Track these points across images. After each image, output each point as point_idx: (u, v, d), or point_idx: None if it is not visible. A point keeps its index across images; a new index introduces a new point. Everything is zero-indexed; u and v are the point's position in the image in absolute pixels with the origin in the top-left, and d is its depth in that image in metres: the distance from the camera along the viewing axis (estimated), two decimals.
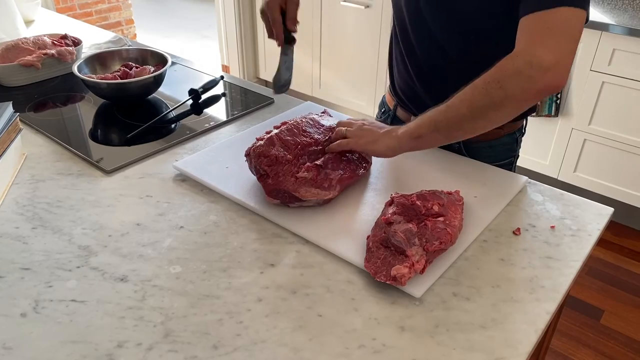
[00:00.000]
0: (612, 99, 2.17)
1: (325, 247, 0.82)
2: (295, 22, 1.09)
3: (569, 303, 1.96)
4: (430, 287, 0.75)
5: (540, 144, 2.42)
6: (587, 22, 0.82)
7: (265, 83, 3.60)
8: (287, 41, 1.11)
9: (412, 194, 0.81)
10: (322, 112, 1.15)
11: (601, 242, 2.29)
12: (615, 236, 2.33)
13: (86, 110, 1.26)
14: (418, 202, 0.78)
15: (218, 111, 1.27)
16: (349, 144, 0.93)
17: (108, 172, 1.01)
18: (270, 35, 1.11)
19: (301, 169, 0.89)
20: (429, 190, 0.84)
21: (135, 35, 4.15)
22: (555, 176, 2.44)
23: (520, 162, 2.50)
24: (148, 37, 4.83)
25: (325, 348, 0.66)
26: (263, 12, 1.08)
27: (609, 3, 2.26)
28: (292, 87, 1.14)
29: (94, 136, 1.15)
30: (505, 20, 0.91)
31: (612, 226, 2.39)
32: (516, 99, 0.80)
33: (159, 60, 1.34)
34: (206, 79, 1.38)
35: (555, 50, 0.78)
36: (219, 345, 0.66)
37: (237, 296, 0.74)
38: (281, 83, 1.00)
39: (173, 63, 1.51)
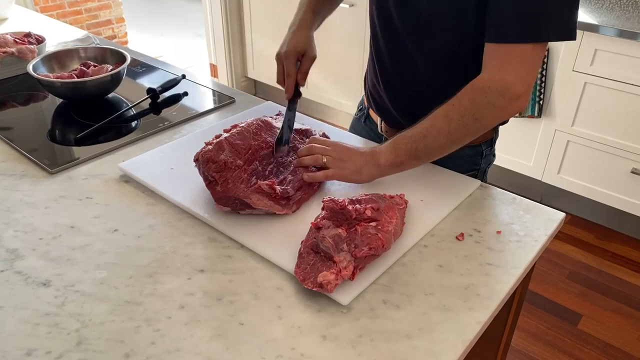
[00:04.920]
0: (594, 100, 2.13)
1: (259, 252, 0.80)
2: (306, 76, 1.10)
3: (546, 307, 1.93)
4: (361, 293, 0.73)
5: (524, 145, 2.39)
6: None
7: (254, 82, 3.58)
8: (294, 95, 1.09)
9: (344, 199, 0.78)
10: (276, 115, 1.12)
11: (584, 246, 2.26)
12: (599, 239, 2.30)
13: (44, 110, 1.25)
14: (349, 207, 0.75)
15: (178, 111, 1.24)
16: (334, 176, 0.91)
17: (52, 173, 0.99)
18: (280, 82, 1.11)
19: (253, 176, 0.86)
20: (367, 194, 0.82)
21: (125, 33, 4.13)
22: (539, 178, 2.41)
23: (504, 164, 2.49)
24: (141, 36, 4.82)
25: (241, 357, 0.64)
26: (279, 58, 1.09)
27: (596, 3, 2.23)
28: (279, 87, 1.12)
29: (50, 136, 1.13)
30: (472, 33, 0.90)
31: (595, 229, 2.35)
32: (490, 126, 0.90)
33: (119, 58, 1.32)
34: (171, 78, 1.36)
35: (524, 80, 0.84)
36: (131, 353, 0.64)
37: (160, 303, 0.71)
38: (282, 143, 0.95)
39: (138, 63, 1.49)
